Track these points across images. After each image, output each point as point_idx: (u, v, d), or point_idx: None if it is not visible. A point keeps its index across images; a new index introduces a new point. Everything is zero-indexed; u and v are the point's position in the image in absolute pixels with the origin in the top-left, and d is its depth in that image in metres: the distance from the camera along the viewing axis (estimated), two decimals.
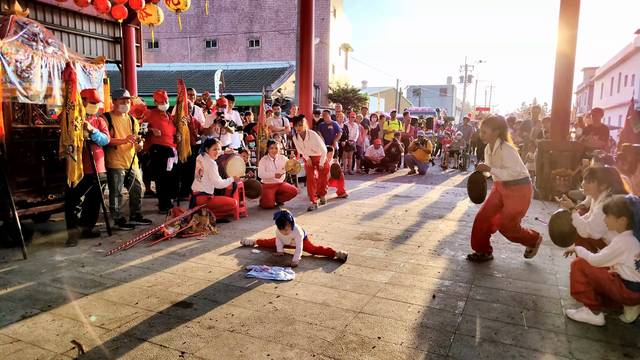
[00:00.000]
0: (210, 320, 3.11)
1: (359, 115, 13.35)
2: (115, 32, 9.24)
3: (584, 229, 3.52)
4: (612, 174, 3.54)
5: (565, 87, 8.27)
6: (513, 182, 4.17)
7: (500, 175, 4.19)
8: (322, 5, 28.54)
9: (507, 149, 4.16)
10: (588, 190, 3.65)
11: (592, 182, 3.58)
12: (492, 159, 4.32)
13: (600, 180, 3.54)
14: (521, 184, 4.18)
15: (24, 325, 3.01)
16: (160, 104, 6.54)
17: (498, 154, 4.21)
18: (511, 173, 4.12)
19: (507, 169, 4.12)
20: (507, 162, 4.13)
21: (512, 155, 4.13)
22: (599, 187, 3.55)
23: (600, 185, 3.54)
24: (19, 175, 4.91)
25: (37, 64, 4.85)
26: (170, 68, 25.63)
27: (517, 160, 4.13)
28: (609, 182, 3.52)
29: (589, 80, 39.73)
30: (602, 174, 3.54)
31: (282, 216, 4.45)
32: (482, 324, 3.10)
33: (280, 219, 4.45)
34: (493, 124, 4.23)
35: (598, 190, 3.56)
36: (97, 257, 4.52)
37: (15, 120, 4.88)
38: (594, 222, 3.47)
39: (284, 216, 4.45)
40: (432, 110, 28.60)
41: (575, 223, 3.59)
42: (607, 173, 3.54)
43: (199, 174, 6.00)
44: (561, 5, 8.04)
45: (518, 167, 4.12)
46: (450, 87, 63.16)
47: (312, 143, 7.11)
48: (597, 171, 3.58)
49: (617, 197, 3.13)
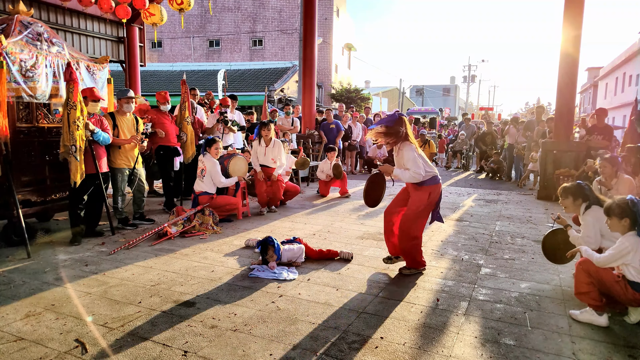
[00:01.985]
0: (213, 319, 3.11)
1: (362, 115, 13.34)
2: (119, 32, 9.27)
3: (580, 244, 3.51)
4: (585, 189, 3.58)
5: (569, 87, 8.24)
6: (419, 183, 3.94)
7: (402, 177, 3.93)
8: (325, 5, 28.55)
9: (407, 149, 3.89)
10: (566, 207, 3.69)
11: (567, 199, 3.63)
12: (396, 160, 4.08)
13: (575, 196, 3.58)
14: (427, 184, 3.94)
15: (27, 324, 3.02)
16: (162, 104, 6.55)
17: (400, 155, 3.98)
18: (413, 175, 3.85)
19: (409, 170, 3.87)
20: (408, 164, 3.88)
21: (411, 157, 3.85)
22: (575, 202, 3.59)
23: (575, 201, 3.59)
24: (23, 175, 4.93)
25: (41, 63, 4.87)
26: (173, 68, 25.69)
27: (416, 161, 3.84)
28: (584, 197, 3.56)
29: (593, 80, 39.56)
30: (575, 189, 3.60)
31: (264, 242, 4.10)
32: (485, 324, 3.09)
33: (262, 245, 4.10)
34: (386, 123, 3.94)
35: (575, 205, 3.61)
36: (100, 256, 4.54)
37: (20, 119, 4.91)
38: (585, 235, 3.50)
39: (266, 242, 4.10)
40: (435, 110, 28.57)
41: (572, 240, 3.61)
42: (580, 188, 3.59)
43: (201, 174, 6.01)
44: (565, 5, 8.01)
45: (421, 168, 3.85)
46: (453, 86, 63.03)
47: (275, 152, 6.72)
48: (570, 187, 3.64)
49: (618, 198, 3.12)
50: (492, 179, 11.60)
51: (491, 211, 7.12)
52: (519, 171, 10.92)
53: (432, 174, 3.97)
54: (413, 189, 4.04)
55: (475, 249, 4.92)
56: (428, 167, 3.94)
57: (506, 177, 11.45)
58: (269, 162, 6.78)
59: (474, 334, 2.94)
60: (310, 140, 10.77)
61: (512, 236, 5.52)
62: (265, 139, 6.76)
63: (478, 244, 5.18)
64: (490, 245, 5.13)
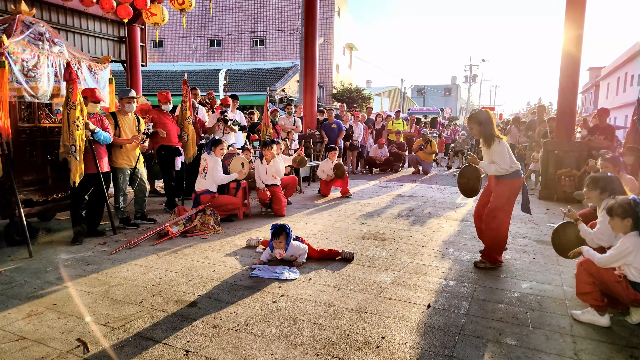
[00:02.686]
0: (214, 319, 3.11)
1: (363, 115, 13.34)
2: (120, 32, 9.28)
3: (591, 240, 3.46)
4: (614, 182, 3.46)
5: (571, 87, 8.22)
6: (502, 176, 4.12)
7: (488, 170, 4.17)
8: (327, 5, 28.53)
9: (497, 145, 4.09)
10: (590, 198, 3.59)
11: (594, 191, 3.50)
12: (483, 154, 4.29)
13: (603, 189, 3.46)
14: (510, 177, 4.10)
15: (29, 323, 3.02)
16: (164, 104, 6.56)
17: (491, 149, 4.14)
18: (498, 169, 4.07)
19: (496, 164, 4.08)
20: (495, 157, 4.08)
21: (501, 151, 4.05)
22: (601, 195, 3.46)
23: (602, 193, 3.46)
24: (25, 174, 4.94)
25: (43, 63, 4.88)
26: (174, 67, 25.70)
27: (505, 155, 4.05)
28: (611, 191, 3.43)
29: (594, 80, 39.51)
30: (604, 182, 3.47)
31: (281, 226, 4.25)
32: (487, 324, 3.09)
33: (277, 228, 4.24)
34: (477, 119, 4.15)
35: (600, 199, 3.48)
36: (102, 255, 4.54)
37: (22, 119, 4.91)
38: (600, 232, 3.40)
39: (283, 227, 4.24)
40: (436, 110, 28.55)
41: (582, 234, 3.53)
42: (610, 181, 3.47)
43: (203, 172, 6.02)
44: (567, 5, 7.99)
45: (506, 163, 4.04)
46: (454, 86, 62.93)
47: (275, 169, 6.70)
48: (600, 179, 3.51)
49: (621, 198, 3.09)
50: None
51: None
52: None
53: (515, 167, 4.12)
54: (495, 182, 4.20)
55: (476, 249, 4.91)
56: (513, 162, 4.10)
57: None
58: (269, 179, 6.70)
59: (475, 334, 2.94)
60: (311, 140, 10.77)
61: (514, 236, 5.52)
62: (266, 158, 6.69)
63: (479, 244, 5.15)
64: None
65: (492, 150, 4.10)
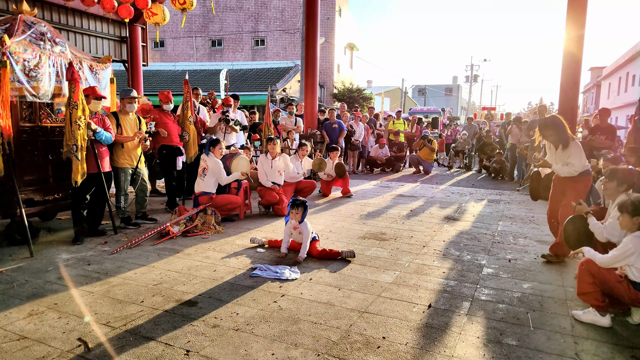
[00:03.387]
0: (215, 319, 3.11)
1: (365, 115, 13.34)
2: (122, 32, 9.29)
3: (600, 234, 3.45)
4: (634, 176, 3.47)
5: (572, 87, 8.22)
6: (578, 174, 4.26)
7: (561, 172, 4.33)
8: (328, 5, 28.54)
9: (574, 146, 4.24)
10: (607, 189, 3.60)
11: (612, 182, 3.53)
12: (556, 157, 4.41)
13: (621, 181, 3.47)
14: (585, 175, 4.27)
15: (30, 323, 3.03)
16: (165, 104, 6.56)
17: (565, 151, 4.28)
18: (571, 171, 4.24)
19: (571, 165, 4.23)
20: (573, 158, 4.23)
21: (578, 152, 4.23)
22: (618, 187, 3.47)
23: (619, 186, 3.47)
24: (26, 174, 4.94)
25: (44, 63, 4.88)
26: (175, 67, 25.71)
27: (582, 155, 4.23)
28: (630, 184, 3.43)
29: (596, 80, 39.43)
30: (623, 174, 3.48)
31: (302, 201, 4.59)
32: (488, 324, 3.09)
33: (296, 201, 4.57)
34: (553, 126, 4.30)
35: (617, 191, 3.48)
36: (103, 255, 4.55)
37: (23, 119, 4.92)
38: (611, 226, 3.39)
39: (303, 202, 4.59)
40: (437, 110, 28.53)
41: (591, 228, 3.52)
42: (629, 174, 3.47)
43: (202, 173, 6.01)
44: (568, 5, 7.99)
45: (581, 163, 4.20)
46: (455, 86, 62.90)
47: (281, 164, 6.69)
48: (619, 171, 3.52)
49: (634, 195, 3.06)
50: (495, 179, 11.58)
51: (493, 211, 7.11)
52: (521, 171, 10.90)
53: (587, 166, 4.31)
54: (571, 181, 4.34)
55: (477, 249, 4.91)
56: (585, 160, 4.30)
57: (509, 177, 11.43)
58: (275, 176, 6.66)
59: (476, 334, 2.94)
60: (312, 139, 10.76)
61: (515, 236, 5.51)
62: (272, 152, 6.69)
63: (480, 244, 5.17)
64: (492, 245, 5.12)
65: (570, 152, 4.23)
